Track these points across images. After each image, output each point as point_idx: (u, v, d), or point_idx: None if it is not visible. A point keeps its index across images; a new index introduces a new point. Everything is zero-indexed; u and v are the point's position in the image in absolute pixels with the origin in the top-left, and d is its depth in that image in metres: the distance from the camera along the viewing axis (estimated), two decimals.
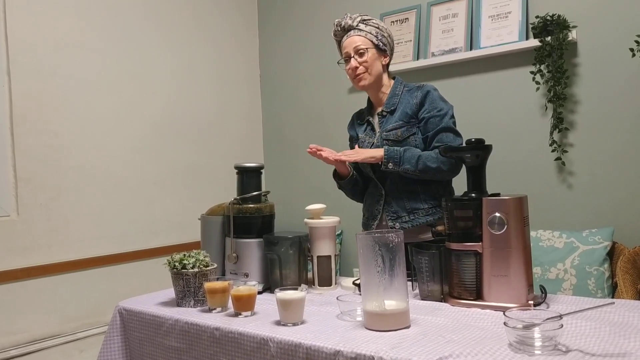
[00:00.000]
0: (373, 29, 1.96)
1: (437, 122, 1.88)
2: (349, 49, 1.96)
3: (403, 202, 1.93)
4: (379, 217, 1.97)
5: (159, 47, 3.16)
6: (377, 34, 1.96)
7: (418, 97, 1.92)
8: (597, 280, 2.31)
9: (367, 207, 2.06)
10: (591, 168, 2.57)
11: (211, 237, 1.86)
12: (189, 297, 1.62)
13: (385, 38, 1.98)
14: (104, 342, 1.69)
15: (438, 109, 1.90)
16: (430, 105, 1.90)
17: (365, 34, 1.95)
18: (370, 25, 1.97)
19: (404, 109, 1.93)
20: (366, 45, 1.94)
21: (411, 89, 1.97)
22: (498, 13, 2.79)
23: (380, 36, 1.96)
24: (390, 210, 1.94)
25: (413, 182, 1.91)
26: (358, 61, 1.94)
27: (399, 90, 1.98)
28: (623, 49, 2.44)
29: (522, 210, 1.43)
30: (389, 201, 1.95)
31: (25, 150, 2.55)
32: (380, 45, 1.95)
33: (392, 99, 1.98)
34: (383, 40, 1.96)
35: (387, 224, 1.95)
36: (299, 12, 3.62)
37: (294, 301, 1.37)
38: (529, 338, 1.10)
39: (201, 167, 3.38)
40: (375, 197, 2.00)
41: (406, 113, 1.92)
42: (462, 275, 1.46)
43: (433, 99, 1.91)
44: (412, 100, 1.93)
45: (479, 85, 2.88)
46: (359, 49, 1.93)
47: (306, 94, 3.60)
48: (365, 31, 1.95)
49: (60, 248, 2.65)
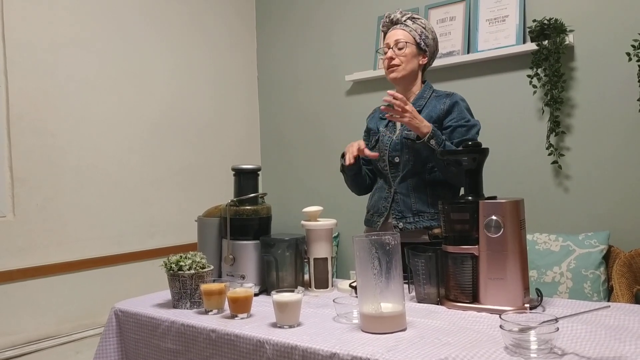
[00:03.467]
0: (419, 28, 1.98)
1: (463, 132, 1.89)
2: (390, 40, 1.99)
3: (410, 203, 1.93)
4: (386, 214, 1.98)
5: (156, 48, 3.16)
6: (422, 33, 1.98)
7: (446, 104, 1.93)
8: (593, 284, 2.32)
9: (373, 203, 2.06)
10: (587, 171, 2.58)
11: (208, 239, 1.86)
12: (185, 299, 1.62)
13: (428, 39, 1.99)
14: (100, 343, 1.69)
15: (466, 120, 1.91)
16: (459, 115, 1.92)
17: (410, 30, 1.97)
18: (417, 23, 1.99)
19: (429, 112, 1.94)
20: (407, 40, 1.96)
21: (440, 95, 1.98)
22: (495, 17, 2.80)
23: (424, 36, 1.98)
24: (397, 209, 1.95)
25: (423, 185, 1.93)
26: (396, 53, 1.96)
27: (427, 94, 2.00)
28: (620, 53, 2.45)
29: (519, 213, 1.43)
30: (396, 200, 1.96)
31: (22, 151, 2.54)
32: (421, 44, 1.98)
33: (419, 100, 1.98)
34: (426, 41, 1.98)
35: (391, 223, 1.96)
36: (297, 13, 3.63)
37: (290, 303, 1.37)
38: (525, 341, 1.10)
39: (198, 169, 3.38)
40: (384, 194, 2.00)
41: (431, 116, 1.92)
42: (459, 278, 1.46)
43: (462, 109, 1.93)
44: (440, 106, 1.94)
45: (476, 88, 2.88)
46: (399, 42, 1.96)
47: (304, 96, 3.60)
48: (410, 27, 1.98)
49: (57, 249, 2.64)
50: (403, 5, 3.12)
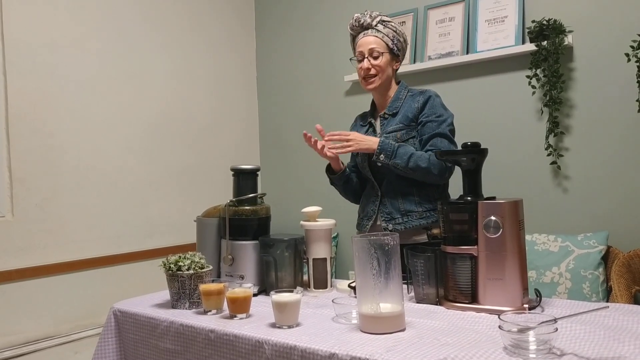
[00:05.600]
0: (390, 32, 1.95)
1: (434, 127, 1.89)
2: (364, 48, 1.95)
3: (397, 203, 1.93)
4: (374, 217, 1.98)
5: (155, 48, 3.16)
6: (394, 38, 1.95)
7: (420, 101, 1.93)
8: (591, 284, 2.32)
9: (362, 207, 2.08)
10: (586, 172, 2.58)
11: (207, 239, 1.86)
12: (184, 299, 1.62)
13: (400, 43, 1.98)
14: (99, 343, 1.69)
15: (437, 115, 1.91)
16: (430, 110, 1.92)
17: (382, 35, 1.95)
18: (389, 27, 1.96)
19: (405, 113, 1.94)
20: (381, 49, 1.94)
21: (414, 94, 1.98)
22: (494, 17, 2.80)
23: (396, 40, 1.96)
24: (385, 212, 1.96)
25: (409, 185, 1.92)
26: (371, 63, 1.94)
27: (402, 95, 1.99)
28: (619, 54, 2.45)
29: (518, 213, 1.43)
30: (384, 202, 1.96)
31: (21, 151, 2.54)
32: (394, 49, 1.96)
33: (395, 102, 1.99)
34: (398, 45, 1.97)
35: (380, 225, 1.96)
36: (296, 14, 3.63)
37: (289, 304, 1.37)
38: (523, 341, 1.10)
39: (197, 169, 3.38)
40: (371, 197, 2.01)
41: (407, 116, 1.93)
42: (458, 278, 1.46)
43: (434, 105, 1.92)
44: (414, 105, 1.94)
45: (475, 89, 2.89)
46: (374, 52, 1.93)
47: (303, 96, 3.60)
48: (382, 33, 1.95)
49: (55, 249, 2.64)
50: (402, 6, 3.13)
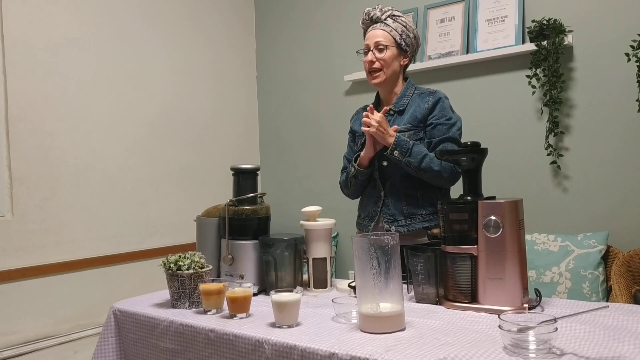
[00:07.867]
0: (399, 27, 1.93)
1: (444, 131, 1.88)
2: (370, 41, 1.94)
3: (401, 205, 1.92)
4: (376, 218, 1.97)
5: (155, 48, 3.16)
6: (402, 33, 1.93)
7: (430, 102, 1.91)
8: (591, 284, 2.32)
9: (363, 207, 2.05)
10: (586, 172, 2.58)
11: (207, 239, 1.86)
12: (184, 299, 1.62)
13: (409, 38, 1.95)
14: (99, 343, 1.69)
15: (447, 118, 1.89)
16: (441, 112, 1.90)
17: (390, 29, 1.92)
18: (398, 22, 1.94)
19: (413, 112, 1.92)
20: (387, 42, 1.91)
21: (423, 93, 1.96)
22: (494, 17, 2.80)
23: (405, 35, 1.93)
24: (388, 213, 1.94)
25: (413, 187, 1.91)
26: (376, 56, 1.92)
27: (409, 92, 1.97)
28: (619, 54, 2.45)
29: (518, 213, 1.43)
30: (387, 203, 1.94)
31: (20, 150, 2.54)
32: (402, 44, 1.93)
33: (401, 99, 1.96)
34: (407, 40, 1.94)
35: (383, 226, 1.95)
36: (296, 13, 3.63)
37: (289, 303, 1.37)
38: (523, 341, 1.10)
39: (197, 169, 3.38)
40: (373, 197, 1.98)
41: (416, 117, 1.91)
42: (457, 278, 1.46)
43: (444, 107, 1.91)
44: (423, 105, 1.92)
45: (475, 88, 2.89)
46: (379, 45, 1.91)
47: (303, 95, 3.60)
48: (391, 27, 1.93)
49: (55, 249, 2.64)
50: (402, 5, 3.12)
